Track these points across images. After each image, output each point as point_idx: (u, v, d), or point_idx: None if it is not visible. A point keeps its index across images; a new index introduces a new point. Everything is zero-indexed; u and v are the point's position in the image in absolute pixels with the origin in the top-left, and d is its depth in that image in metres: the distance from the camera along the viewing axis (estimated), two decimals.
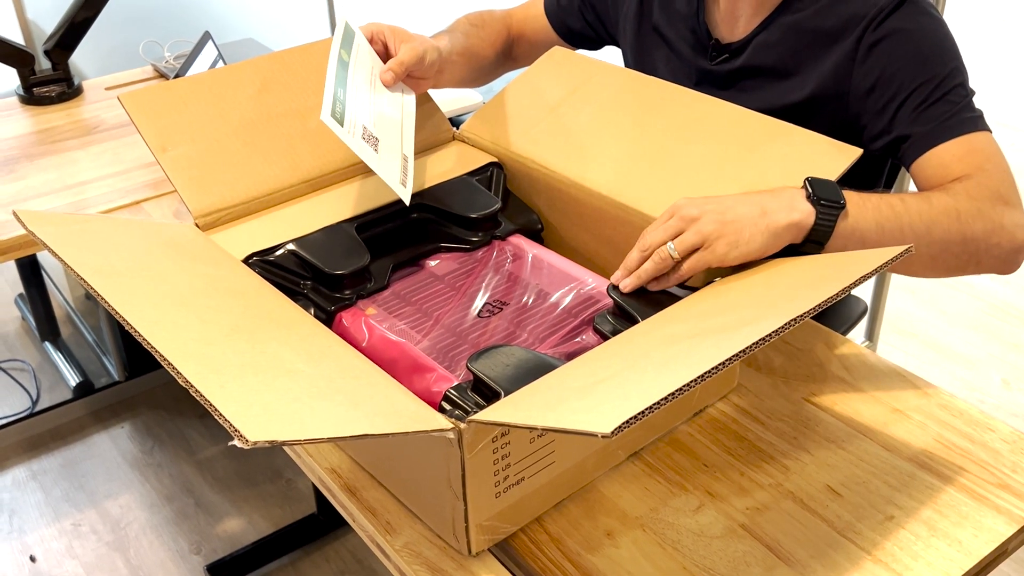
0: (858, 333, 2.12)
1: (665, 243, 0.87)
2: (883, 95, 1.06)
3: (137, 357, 2.18)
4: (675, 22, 1.24)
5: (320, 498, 1.85)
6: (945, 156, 1.01)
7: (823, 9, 1.10)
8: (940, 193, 0.96)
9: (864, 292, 1.71)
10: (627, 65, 1.33)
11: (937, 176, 1.01)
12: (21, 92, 1.77)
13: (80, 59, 2.13)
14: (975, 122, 1.03)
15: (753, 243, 0.86)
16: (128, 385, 2.21)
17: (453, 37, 1.24)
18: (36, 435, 2.11)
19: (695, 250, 0.86)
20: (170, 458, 2.03)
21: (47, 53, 1.77)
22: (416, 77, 1.10)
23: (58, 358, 2.29)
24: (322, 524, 1.84)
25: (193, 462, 2.02)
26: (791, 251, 0.89)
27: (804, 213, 0.87)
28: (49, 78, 1.78)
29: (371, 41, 1.08)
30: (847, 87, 1.08)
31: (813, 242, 0.89)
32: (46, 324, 2.35)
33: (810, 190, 0.89)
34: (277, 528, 1.83)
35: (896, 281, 2.53)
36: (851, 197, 0.90)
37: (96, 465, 2.02)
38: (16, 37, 2.12)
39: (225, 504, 1.91)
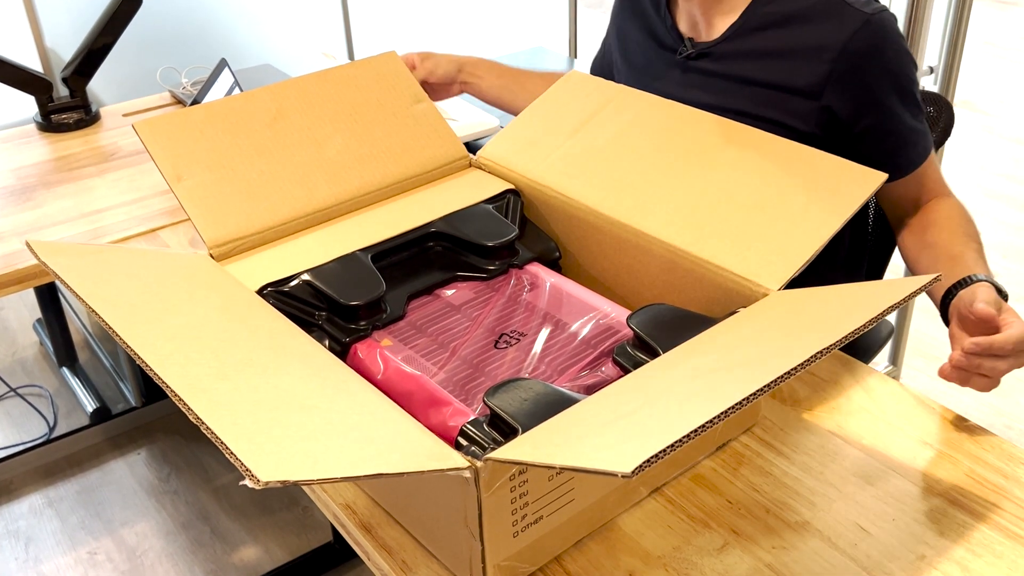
0: (881, 357, 2.09)
1: (1008, 372, 0.87)
2: (856, 112, 1.13)
3: (154, 383, 2.16)
4: (645, 28, 1.32)
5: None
6: (908, 187, 1.17)
7: (784, 33, 1.15)
8: (943, 212, 1.13)
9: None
10: None
11: (905, 201, 1.18)
12: (39, 119, 1.77)
13: (98, 86, 2.14)
14: (926, 149, 1.16)
15: None
16: (145, 411, 2.20)
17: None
18: (53, 462, 2.10)
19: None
20: (186, 485, 2.02)
21: (65, 80, 1.78)
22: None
23: (75, 384, 2.29)
24: (338, 553, 1.82)
25: (209, 489, 2.00)
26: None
27: None
28: (67, 105, 1.78)
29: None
30: (818, 103, 1.13)
31: None
32: (64, 349, 2.35)
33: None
34: (293, 557, 1.81)
35: (919, 304, 2.49)
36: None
37: (112, 492, 2.01)
38: (34, 64, 2.14)
39: (241, 532, 1.89)
